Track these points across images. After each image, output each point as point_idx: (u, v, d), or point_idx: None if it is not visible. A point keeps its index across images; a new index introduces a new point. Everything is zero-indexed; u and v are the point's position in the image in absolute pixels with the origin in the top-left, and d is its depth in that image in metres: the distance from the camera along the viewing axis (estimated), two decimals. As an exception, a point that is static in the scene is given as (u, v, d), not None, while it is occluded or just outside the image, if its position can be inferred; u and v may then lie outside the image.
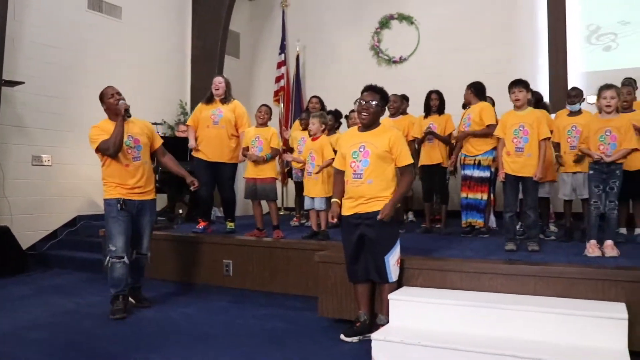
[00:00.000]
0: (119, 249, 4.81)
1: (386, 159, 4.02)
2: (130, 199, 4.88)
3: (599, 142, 4.70)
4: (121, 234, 4.82)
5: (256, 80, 11.21)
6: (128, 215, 4.87)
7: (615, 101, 4.70)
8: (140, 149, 4.96)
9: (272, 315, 4.93)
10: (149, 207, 5.05)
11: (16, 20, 7.19)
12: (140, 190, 4.94)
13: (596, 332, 3.42)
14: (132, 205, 4.89)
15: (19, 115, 7.32)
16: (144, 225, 5.05)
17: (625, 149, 4.62)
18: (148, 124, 5.22)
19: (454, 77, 6.96)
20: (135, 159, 4.91)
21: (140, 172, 4.94)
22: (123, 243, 4.83)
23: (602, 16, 8.54)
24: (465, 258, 4.52)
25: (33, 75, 7.36)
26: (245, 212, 9.01)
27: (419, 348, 3.54)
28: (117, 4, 8.61)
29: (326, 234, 5.65)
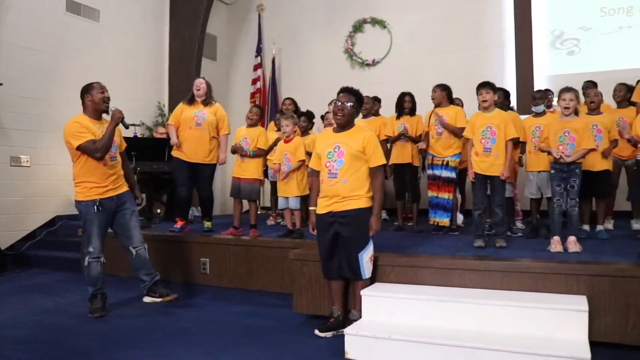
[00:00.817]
0: (96, 250, 4.76)
1: (360, 158, 4.04)
2: (108, 196, 4.79)
3: (558, 142, 4.78)
4: (99, 236, 4.77)
5: (233, 82, 11.17)
6: (107, 214, 4.80)
7: (573, 103, 4.78)
8: (116, 149, 4.92)
9: (248, 311, 4.92)
10: (127, 198, 4.95)
11: (-6, 22, 7.08)
12: (114, 185, 4.84)
13: (559, 323, 3.49)
14: (110, 202, 4.81)
15: (-3, 117, 7.21)
16: (128, 217, 4.93)
17: (584, 149, 4.70)
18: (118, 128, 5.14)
19: (425, 80, 7.00)
20: (112, 158, 4.84)
21: (116, 170, 4.88)
22: (100, 244, 4.78)
23: (566, 22, 8.68)
24: (435, 255, 4.57)
25: (12, 76, 7.24)
26: (222, 212, 8.98)
27: (390, 342, 3.56)
28: (95, 6, 8.51)
29: (301, 232, 5.66)
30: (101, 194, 4.75)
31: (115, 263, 5.64)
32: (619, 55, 8.15)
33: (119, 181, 4.92)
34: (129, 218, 4.94)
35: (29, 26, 7.54)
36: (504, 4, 8.99)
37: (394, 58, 9.71)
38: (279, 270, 5.26)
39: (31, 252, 7.32)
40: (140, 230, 5.06)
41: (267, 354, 3.74)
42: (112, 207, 4.83)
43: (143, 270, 5.02)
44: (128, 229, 4.94)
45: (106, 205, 4.78)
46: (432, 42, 9.28)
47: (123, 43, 9.02)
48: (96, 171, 4.73)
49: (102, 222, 4.79)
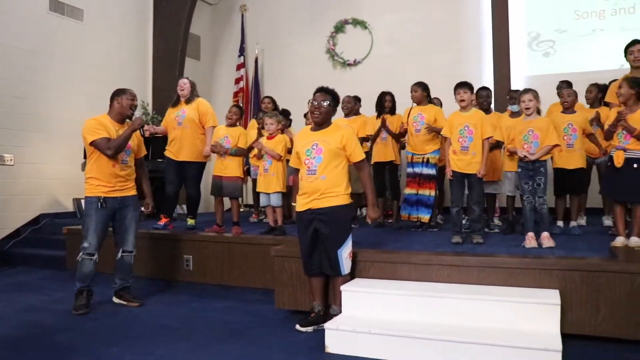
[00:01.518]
0: (91, 246, 4.75)
1: (338, 155, 4.06)
2: (112, 196, 4.80)
3: (523, 141, 4.86)
4: (95, 232, 4.75)
5: (216, 82, 11.13)
6: (108, 214, 4.80)
7: (533, 103, 4.86)
8: (129, 154, 4.93)
9: (230, 307, 4.92)
10: (131, 202, 4.94)
11: (-23, 21, 6.99)
12: (121, 187, 4.85)
13: (532, 317, 3.55)
14: (114, 202, 4.81)
15: (-19, 116, 7.12)
16: (128, 221, 4.93)
17: (547, 145, 4.78)
18: (138, 133, 5.14)
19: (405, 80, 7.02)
20: (123, 162, 4.85)
21: (126, 173, 4.89)
22: (96, 242, 4.76)
23: (542, 24, 8.77)
24: (414, 251, 4.60)
25: (-5, 75, 7.17)
26: (206, 210, 8.95)
27: (369, 336, 3.59)
28: (79, 6, 8.42)
29: (283, 229, 5.67)
30: (106, 193, 4.77)
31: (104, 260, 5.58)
32: (593, 57, 8.25)
33: (127, 185, 4.92)
34: (129, 222, 4.94)
35: (12, 25, 7.44)
36: (482, 5, 9.05)
37: (375, 58, 9.74)
38: (261, 266, 5.26)
39: (16, 250, 7.23)
40: (136, 236, 5.04)
41: (249, 349, 3.75)
42: (115, 207, 4.83)
43: (119, 274, 5.03)
44: (125, 231, 4.94)
45: (109, 204, 4.78)
46: (411, 43, 9.32)
47: (107, 42, 8.94)
48: (105, 171, 4.77)
49: (102, 220, 4.77)
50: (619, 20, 8.27)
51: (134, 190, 5.01)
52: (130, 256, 5.00)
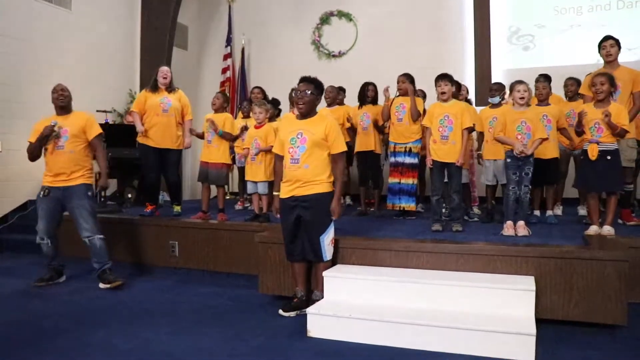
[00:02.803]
0: (40, 231, 5.08)
1: (322, 145, 4.05)
2: (55, 186, 5.01)
3: (516, 131, 4.85)
4: (43, 217, 5.05)
5: (203, 71, 11.04)
6: (53, 200, 5.03)
7: (527, 94, 4.88)
8: (66, 139, 5.02)
9: (215, 292, 4.92)
10: (74, 192, 5.02)
11: (-36, 7, 6.86)
12: (64, 178, 5.02)
13: (508, 302, 3.59)
14: (57, 192, 5.02)
15: (-32, 102, 7.01)
16: (75, 209, 5.03)
17: (539, 138, 4.80)
18: (84, 117, 5.19)
19: (389, 71, 7.01)
20: (58, 147, 5.00)
21: (63, 160, 5.00)
22: (43, 226, 5.05)
23: (522, 19, 8.79)
24: (394, 238, 4.61)
25: (-18, 62, 7.05)
26: (192, 197, 8.91)
27: (350, 320, 3.61)
28: (66, -6, 8.32)
29: (267, 216, 5.66)
30: (50, 182, 5.05)
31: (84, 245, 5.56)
32: (570, 51, 8.29)
33: (72, 175, 5.05)
34: (76, 211, 5.05)
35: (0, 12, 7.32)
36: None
37: (359, 50, 9.72)
38: (246, 252, 5.25)
39: (3, 236, 7.15)
40: (92, 220, 5.06)
41: (232, 333, 3.75)
42: (59, 196, 5.03)
43: (94, 258, 5.06)
44: (76, 220, 5.07)
45: (52, 193, 5.03)
46: (395, 35, 9.30)
47: (95, 31, 8.82)
48: (47, 159, 5.08)
49: (47, 207, 5.05)
50: (596, 17, 8.31)
51: (82, 179, 5.10)
52: (95, 238, 5.03)
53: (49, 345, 3.51)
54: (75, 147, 5.06)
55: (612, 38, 5.30)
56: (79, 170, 5.06)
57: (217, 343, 3.55)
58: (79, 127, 5.08)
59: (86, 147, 5.15)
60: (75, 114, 5.18)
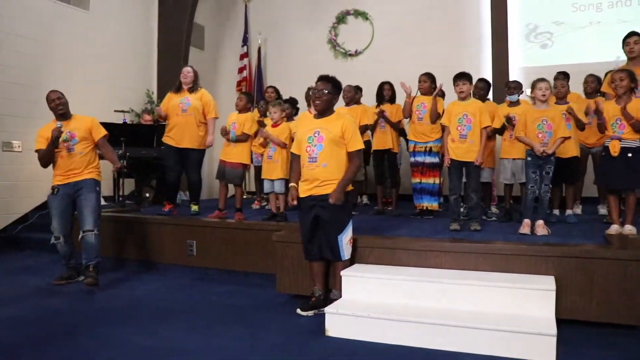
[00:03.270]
0: (55, 230, 5.11)
1: (339, 143, 4.04)
2: (66, 182, 5.09)
3: (537, 130, 4.80)
4: (56, 216, 5.10)
5: (220, 71, 11.09)
6: (64, 198, 5.09)
7: (549, 92, 4.82)
8: (76, 142, 5.13)
9: (232, 291, 4.93)
10: (84, 185, 5.11)
11: (-16, 9, 6.95)
12: (75, 173, 5.12)
13: (528, 302, 3.55)
14: (67, 188, 5.09)
15: (-11, 103, 7.10)
16: (83, 202, 5.08)
17: (561, 137, 4.74)
18: (89, 119, 5.30)
19: (405, 70, 7.00)
20: (69, 150, 5.11)
21: (75, 162, 5.12)
22: (58, 224, 5.10)
23: (540, 16, 8.72)
24: (413, 237, 4.59)
25: (3, 63, 7.11)
26: (209, 196, 8.95)
27: (369, 320, 3.59)
28: (84, -5, 8.40)
29: (284, 215, 5.66)
30: (60, 181, 5.12)
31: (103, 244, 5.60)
32: (589, 48, 8.21)
33: (83, 171, 5.15)
34: (82, 202, 5.09)
35: (19, 14, 7.40)
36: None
37: (376, 49, 9.71)
38: (263, 251, 5.25)
39: (23, 234, 7.23)
40: (94, 216, 5.08)
41: (250, 332, 3.75)
42: (70, 192, 5.10)
43: (84, 254, 5.06)
44: (81, 212, 5.10)
45: (63, 190, 5.09)
46: (411, 34, 9.28)
47: (112, 32, 8.90)
48: (58, 163, 5.15)
49: (59, 205, 5.09)
50: (616, 12, 8.22)
51: (91, 174, 5.21)
52: (90, 235, 5.04)
53: (69, 342, 3.54)
54: (85, 148, 5.17)
55: (637, 34, 5.20)
56: (89, 166, 5.19)
57: (235, 342, 3.56)
58: (86, 129, 5.20)
59: (94, 147, 5.28)
60: (77, 118, 5.27)
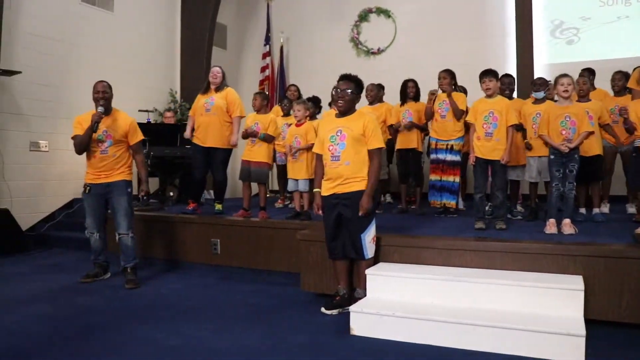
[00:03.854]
0: (88, 226, 5.21)
1: (361, 142, 4.04)
2: (98, 182, 5.09)
3: (560, 127, 4.73)
4: (89, 213, 5.18)
5: (242, 70, 11.14)
6: (96, 197, 5.13)
7: (571, 87, 4.74)
8: (110, 144, 5.10)
9: (256, 290, 4.95)
10: (115, 188, 5.11)
11: (12, 10, 7.05)
12: (106, 174, 5.11)
13: (556, 302, 3.50)
14: (99, 188, 5.11)
15: (17, 104, 7.21)
16: (114, 205, 5.12)
17: (585, 132, 4.67)
18: (128, 122, 5.23)
19: (428, 67, 6.96)
20: (102, 152, 5.09)
21: (106, 163, 5.10)
22: (91, 221, 5.18)
23: (566, 12, 8.60)
24: (437, 236, 4.57)
25: (30, 65, 7.25)
26: (232, 195, 9.00)
27: (394, 319, 3.58)
28: (109, -3, 8.51)
29: (308, 214, 5.66)
30: (92, 180, 5.13)
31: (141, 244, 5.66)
32: (617, 44, 8.08)
33: (113, 172, 5.13)
34: (115, 206, 5.14)
35: (45, 16, 7.53)
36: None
37: (398, 46, 9.67)
38: (287, 250, 5.27)
39: (50, 233, 7.37)
40: (128, 218, 5.14)
41: (275, 330, 3.76)
42: (102, 192, 5.12)
43: (122, 256, 5.17)
44: (115, 215, 5.17)
45: (94, 190, 5.12)
46: (434, 31, 9.23)
47: (136, 32, 9.00)
48: (90, 161, 5.15)
49: (92, 203, 5.16)
50: (645, 7, 8.07)
51: (122, 176, 5.19)
52: (126, 237, 5.13)
53: (95, 339, 3.58)
54: (118, 151, 5.15)
55: None
56: (120, 167, 5.16)
57: (259, 340, 3.57)
58: (122, 132, 5.14)
59: (127, 149, 5.26)
60: (119, 117, 5.19)
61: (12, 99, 7.14)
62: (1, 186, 6.95)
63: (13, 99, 7.16)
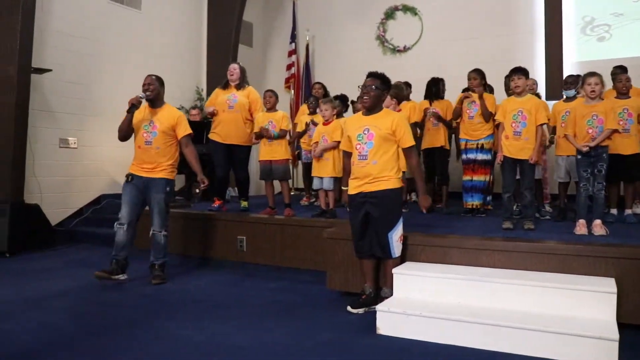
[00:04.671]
0: (122, 217, 5.06)
1: (389, 140, 4.01)
2: (138, 174, 5.07)
3: (587, 126, 4.67)
4: (125, 203, 5.07)
5: (268, 68, 11.17)
6: (135, 188, 5.07)
7: (599, 87, 4.67)
8: (155, 135, 5.05)
9: (282, 287, 4.96)
10: (154, 184, 5.08)
11: (44, 11, 7.17)
12: (148, 168, 5.07)
13: (587, 305, 3.43)
14: (139, 181, 5.08)
15: (47, 101, 7.34)
16: (151, 202, 5.10)
17: (608, 130, 4.59)
18: (176, 115, 5.19)
19: (455, 65, 6.92)
20: (147, 142, 5.05)
21: (150, 155, 5.06)
22: (126, 212, 5.05)
23: (597, 8, 8.42)
24: (464, 235, 4.52)
25: (59, 63, 7.37)
26: (257, 192, 9.02)
27: (421, 319, 3.55)
28: (137, -5, 8.60)
29: (334, 212, 5.64)
30: (135, 170, 5.11)
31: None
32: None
33: (155, 168, 5.09)
34: (152, 204, 5.12)
35: (75, 15, 7.64)
36: (533, -10, 8.78)
37: (425, 44, 9.58)
38: (312, 248, 5.27)
39: (79, 228, 7.48)
40: (163, 216, 5.13)
41: (301, 328, 3.76)
42: (141, 186, 5.09)
43: (153, 252, 5.16)
44: (151, 212, 5.15)
45: (135, 181, 5.08)
46: (462, 28, 9.13)
47: (163, 30, 9.08)
48: (136, 152, 5.16)
49: (130, 193, 5.07)
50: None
51: (163, 174, 5.12)
52: (159, 235, 5.12)
53: (122, 335, 3.62)
54: (163, 144, 5.09)
55: None
56: (163, 163, 5.10)
57: (285, 337, 3.57)
58: (168, 125, 5.10)
59: (174, 144, 5.19)
60: (167, 110, 5.17)
61: (42, 96, 7.26)
62: (32, 182, 7.07)
63: (43, 96, 7.28)
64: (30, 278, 5.29)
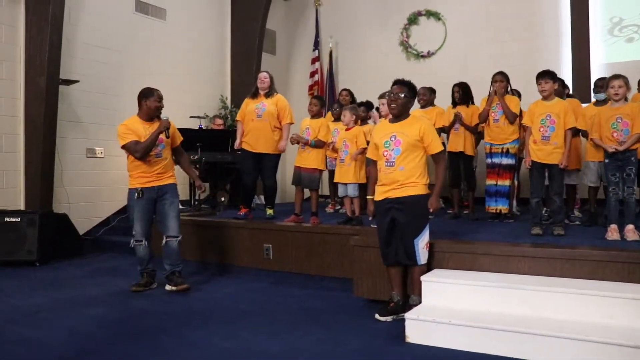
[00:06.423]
0: (137, 233, 5.09)
1: (417, 146, 4.01)
2: (149, 186, 5.06)
3: (611, 129, 4.62)
4: (139, 220, 5.07)
5: (292, 76, 11.21)
6: (148, 202, 5.06)
7: (622, 90, 4.61)
8: (163, 147, 5.14)
9: (309, 295, 4.96)
10: (169, 190, 5.13)
11: (71, 23, 7.32)
12: (158, 177, 5.10)
13: (622, 312, 3.37)
14: (151, 192, 5.07)
15: (75, 112, 7.46)
16: (167, 208, 5.12)
17: (637, 133, 4.52)
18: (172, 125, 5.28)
19: (480, 70, 6.85)
20: (157, 155, 5.10)
21: (159, 166, 5.11)
22: (141, 228, 5.08)
23: (625, 8, 8.28)
24: (493, 241, 4.47)
25: (86, 74, 7.50)
26: (282, 200, 9.05)
27: (450, 327, 3.52)
28: (162, 6, 8.69)
29: (359, 219, 5.63)
30: (143, 184, 5.06)
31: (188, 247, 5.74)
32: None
33: (164, 174, 5.15)
34: (167, 208, 5.13)
35: (101, 26, 7.77)
36: (559, -8, 8.68)
37: (449, 49, 9.52)
38: (339, 256, 5.26)
39: (106, 237, 7.55)
40: (178, 221, 5.17)
41: (329, 335, 3.75)
42: (153, 196, 5.09)
43: (167, 260, 5.15)
44: (165, 217, 5.14)
45: (146, 194, 5.05)
46: (486, 32, 9.05)
47: (188, 40, 9.18)
48: (142, 165, 5.06)
49: (142, 209, 5.07)
50: None
51: (172, 179, 5.22)
52: (175, 241, 5.14)
53: (150, 342, 3.65)
54: (168, 153, 5.23)
55: None
56: (169, 170, 5.22)
57: (313, 345, 3.57)
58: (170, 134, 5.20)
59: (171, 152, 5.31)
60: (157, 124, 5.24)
61: (69, 107, 7.39)
62: (60, 192, 7.19)
63: (71, 107, 7.41)
64: (59, 286, 5.36)
